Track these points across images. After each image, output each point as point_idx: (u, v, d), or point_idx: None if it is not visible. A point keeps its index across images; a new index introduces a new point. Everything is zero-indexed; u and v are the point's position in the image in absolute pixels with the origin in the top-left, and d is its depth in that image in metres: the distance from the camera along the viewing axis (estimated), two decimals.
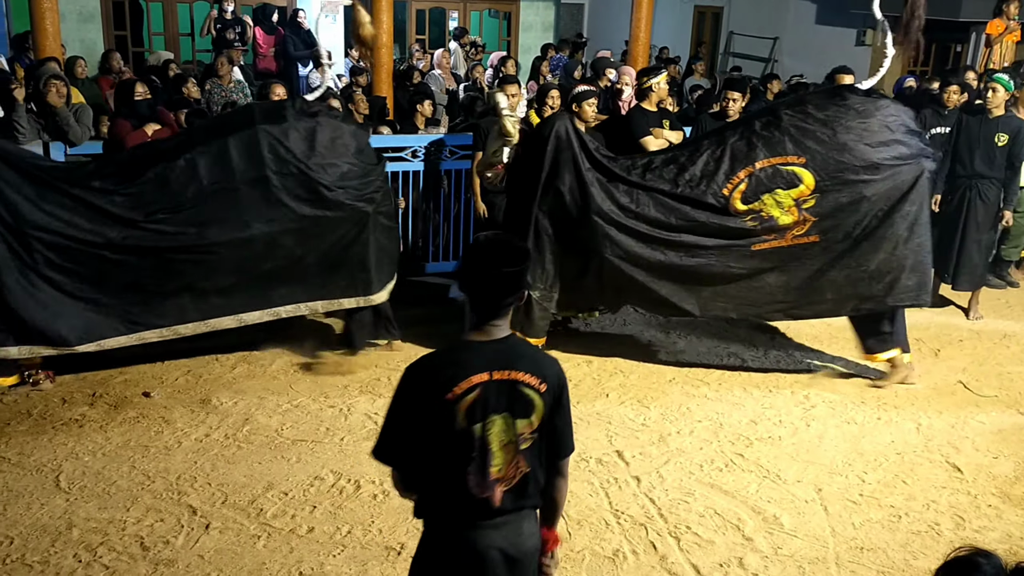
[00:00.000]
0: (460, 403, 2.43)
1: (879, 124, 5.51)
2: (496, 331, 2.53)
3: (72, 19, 12.74)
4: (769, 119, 5.61)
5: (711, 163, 5.54)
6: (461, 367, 2.47)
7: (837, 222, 5.52)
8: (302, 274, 5.64)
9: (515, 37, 16.96)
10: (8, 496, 4.40)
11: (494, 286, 2.48)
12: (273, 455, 4.86)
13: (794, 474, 4.86)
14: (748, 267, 5.61)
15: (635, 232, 5.54)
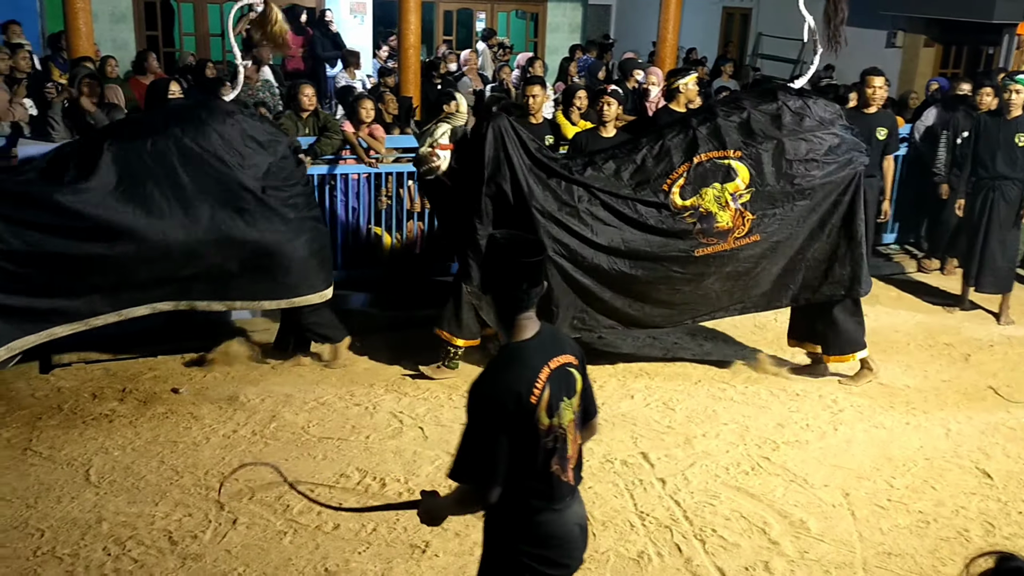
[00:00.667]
0: (540, 403, 2.51)
1: (812, 120, 5.61)
2: (532, 324, 2.58)
3: (104, 19, 12.91)
4: (705, 115, 5.71)
5: (650, 160, 5.56)
6: (531, 369, 2.52)
7: (775, 218, 5.57)
8: (223, 280, 5.43)
9: (542, 38, 16.97)
10: (39, 489, 4.47)
11: (519, 278, 2.52)
12: (300, 452, 4.90)
13: (821, 478, 4.82)
14: (691, 272, 5.60)
15: (577, 233, 5.46)
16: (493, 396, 2.50)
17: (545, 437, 2.54)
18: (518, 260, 2.53)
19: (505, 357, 2.58)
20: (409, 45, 8.49)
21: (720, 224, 5.51)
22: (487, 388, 2.52)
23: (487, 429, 2.50)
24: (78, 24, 7.37)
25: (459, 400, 5.57)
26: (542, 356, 2.56)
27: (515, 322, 2.56)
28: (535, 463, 2.55)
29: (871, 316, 7.30)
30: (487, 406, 2.50)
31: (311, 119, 6.83)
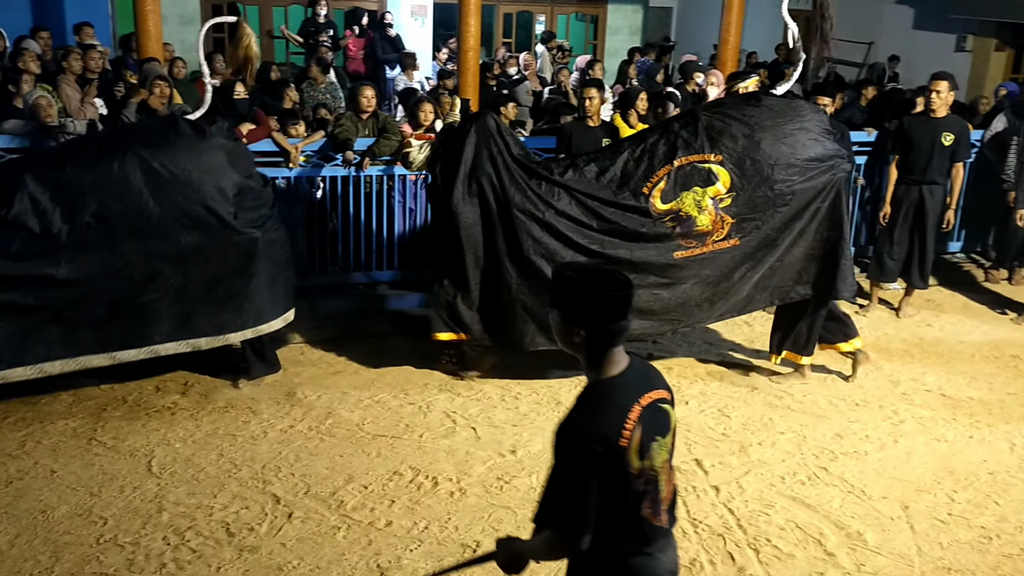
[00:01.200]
0: (631, 445, 2.35)
1: (795, 125, 5.53)
2: (622, 358, 2.44)
3: (173, 21, 13.22)
4: (687, 119, 5.63)
5: (631, 163, 5.49)
6: (620, 409, 2.37)
7: (754, 222, 5.50)
8: (184, 307, 5.17)
9: (601, 41, 16.94)
10: (103, 479, 4.60)
11: (612, 314, 2.38)
12: (354, 449, 4.96)
13: (880, 490, 4.73)
14: (670, 276, 5.52)
15: (557, 232, 5.39)
16: (581, 439, 2.33)
17: (636, 480, 2.37)
18: (610, 295, 2.38)
19: (593, 396, 2.41)
20: (468, 48, 8.53)
21: (699, 227, 5.45)
22: (574, 430, 2.36)
23: (576, 473, 2.34)
24: (148, 26, 7.55)
25: (511, 402, 5.59)
26: (633, 393, 2.39)
27: (608, 356, 2.40)
28: (625, 507, 2.39)
29: (935, 326, 7.15)
30: (574, 449, 2.34)
31: (371, 120, 6.91)
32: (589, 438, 2.32)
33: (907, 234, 7.16)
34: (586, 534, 2.36)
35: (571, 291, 2.39)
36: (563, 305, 2.41)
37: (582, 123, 6.76)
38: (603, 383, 2.41)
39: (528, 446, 5.04)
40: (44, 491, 4.46)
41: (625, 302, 2.40)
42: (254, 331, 5.41)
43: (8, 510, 4.29)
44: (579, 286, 2.38)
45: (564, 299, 2.40)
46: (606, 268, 2.54)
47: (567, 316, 2.40)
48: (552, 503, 2.40)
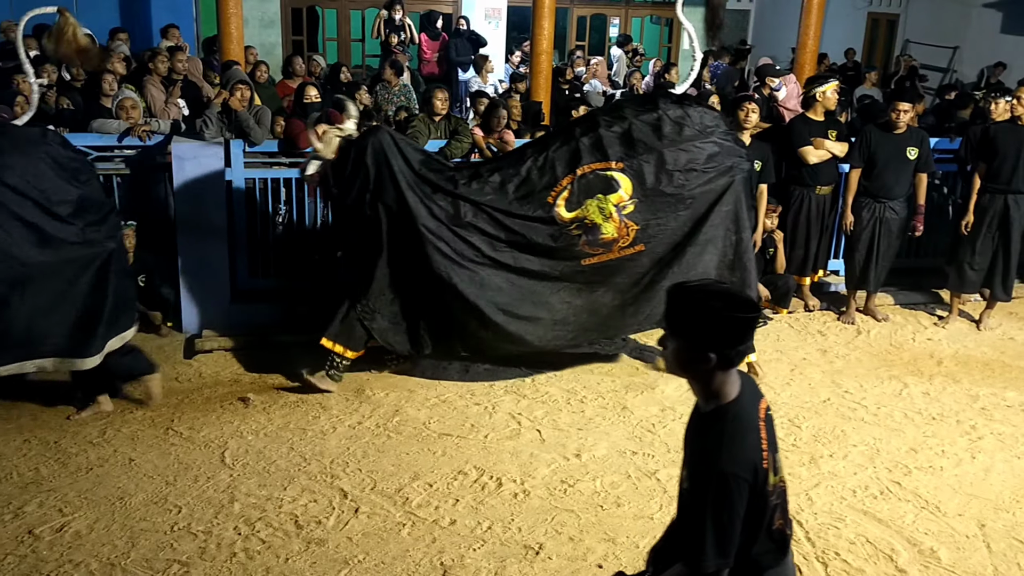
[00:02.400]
0: (770, 465, 2.34)
1: (693, 128, 5.46)
2: (737, 376, 2.38)
3: (255, 24, 13.56)
4: (588, 125, 5.54)
5: (535, 172, 5.42)
6: (756, 431, 2.34)
7: (659, 228, 5.49)
8: (24, 329, 4.72)
9: (676, 43, 16.78)
10: (178, 468, 4.74)
11: (739, 336, 2.31)
12: (420, 447, 5.02)
13: (955, 507, 4.59)
14: (580, 283, 5.48)
15: (464, 246, 5.34)
16: (735, 471, 2.27)
17: (772, 496, 2.36)
18: (742, 317, 2.30)
19: (729, 423, 2.34)
20: (541, 50, 8.54)
21: (605, 235, 5.42)
22: (724, 463, 2.28)
23: (726, 505, 2.27)
24: (230, 29, 7.76)
25: (577, 405, 5.58)
26: (755, 411, 2.37)
27: (726, 380, 2.34)
28: (763, 525, 2.37)
29: (1017, 339, 6.90)
30: (729, 485, 2.27)
31: (443, 122, 6.98)
32: (738, 469, 2.27)
33: (990, 244, 6.95)
34: (729, 564, 2.31)
35: (702, 316, 2.28)
36: (691, 331, 2.30)
37: None
38: (730, 408, 2.35)
39: (593, 450, 5.03)
40: (122, 478, 4.62)
41: (754, 323, 2.34)
42: (100, 353, 4.93)
43: (88, 496, 4.45)
44: (711, 311, 2.27)
45: (692, 325, 2.30)
46: (727, 287, 2.45)
47: (695, 342, 2.29)
48: (710, 543, 2.29)
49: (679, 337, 2.33)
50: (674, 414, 5.50)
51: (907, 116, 6.80)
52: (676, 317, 2.34)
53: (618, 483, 4.71)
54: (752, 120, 6.36)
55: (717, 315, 2.27)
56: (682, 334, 2.32)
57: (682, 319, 2.32)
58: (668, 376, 6.01)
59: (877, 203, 6.95)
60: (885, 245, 7.00)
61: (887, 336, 6.91)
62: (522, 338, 5.52)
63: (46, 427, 5.11)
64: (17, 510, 4.31)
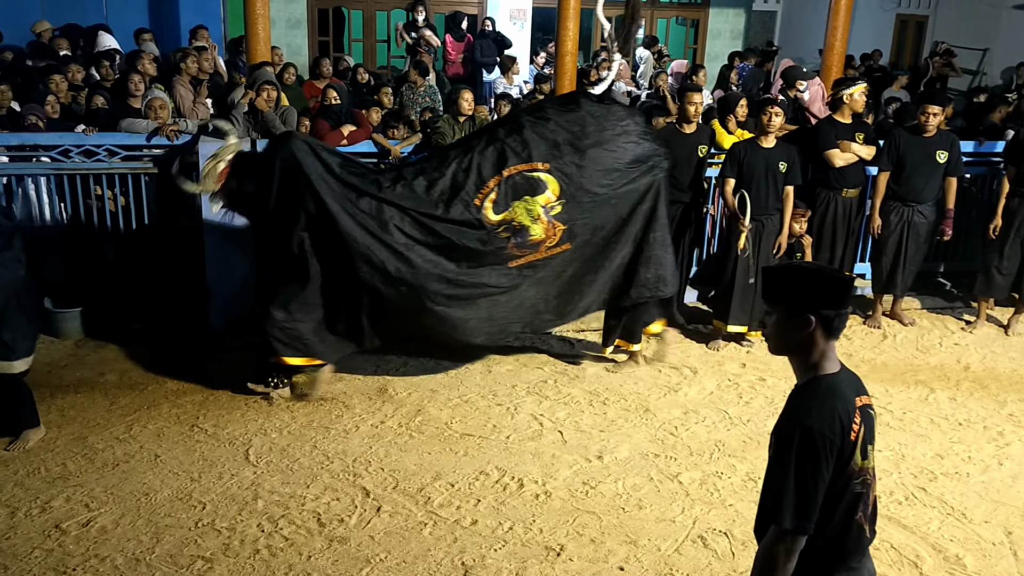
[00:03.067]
0: (858, 441, 2.36)
1: (615, 129, 5.46)
2: (836, 356, 2.46)
3: (281, 25, 13.66)
4: (512, 126, 5.49)
5: (460, 174, 5.34)
6: (848, 402, 2.37)
7: (585, 227, 5.49)
8: None
9: (702, 45, 16.71)
10: (203, 465, 4.78)
11: (837, 299, 2.40)
12: (442, 447, 5.03)
13: (981, 514, 4.53)
14: (507, 284, 5.45)
15: (391, 254, 5.21)
16: (820, 428, 2.30)
17: (856, 480, 2.37)
18: (837, 276, 2.42)
19: (819, 389, 2.38)
20: (566, 51, 8.51)
21: (533, 236, 5.40)
22: (812, 420, 2.31)
23: (808, 464, 2.30)
24: (257, 29, 7.78)
25: (599, 407, 5.57)
26: (852, 391, 2.41)
27: (826, 352, 2.40)
28: (840, 509, 2.38)
29: None
30: (807, 440, 2.29)
31: (467, 123, 6.99)
32: (826, 427, 2.30)
33: (1019, 248, 6.86)
34: (808, 531, 2.33)
35: (798, 280, 2.40)
36: (789, 296, 2.40)
37: (677, 129, 6.69)
38: (825, 378, 2.40)
39: (615, 452, 5.02)
40: (148, 474, 4.67)
41: (849, 286, 2.43)
42: None
43: (114, 491, 4.51)
44: (806, 273, 2.41)
45: (790, 290, 2.41)
46: (820, 265, 2.55)
47: (795, 307, 2.39)
48: (778, 500, 2.33)
49: (778, 304, 2.42)
50: (697, 417, 5.48)
51: (936, 119, 6.73)
52: (774, 287, 2.45)
53: (640, 485, 4.70)
54: (776, 123, 6.31)
55: (813, 275, 2.40)
56: (782, 300, 2.42)
57: (780, 286, 2.43)
58: (691, 379, 6.01)
59: (906, 207, 6.89)
60: (913, 249, 6.94)
61: (913, 341, 6.85)
62: (455, 339, 5.55)
63: (73, 423, 5.17)
64: (44, 505, 4.37)
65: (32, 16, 10.58)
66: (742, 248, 6.37)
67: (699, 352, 6.51)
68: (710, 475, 4.82)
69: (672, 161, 6.57)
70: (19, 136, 6.45)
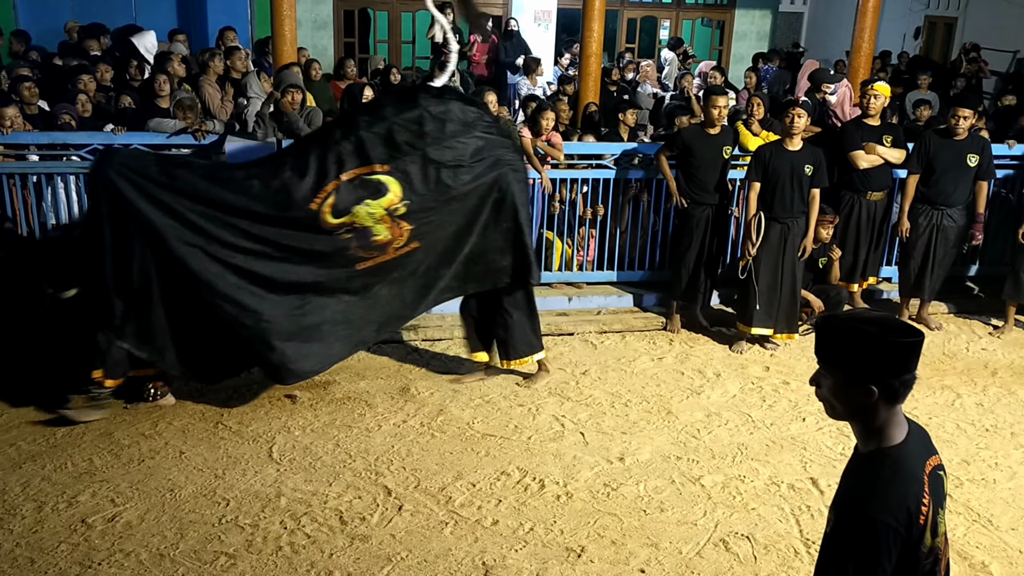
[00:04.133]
0: (927, 522, 2.09)
1: (456, 124, 5.25)
2: (903, 420, 2.17)
3: (307, 26, 13.75)
4: (348, 128, 5.25)
5: (295, 178, 5.07)
6: (917, 482, 2.10)
7: (433, 225, 5.27)
8: None
9: (727, 46, 16.64)
10: (227, 462, 4.82)
11: (905, 364, 2.10)
12: (464, 447, 5.04)
13: (1008, 521, 4.48)
14: (357, 286, 5.23)
15: (230, 265, 4.97)
16: (884, 519, 2.03)
17: (925, 560, 2.11)
18: (906, 341, 2.08)
19: (887, 468, 2.10)
20: (591, 53, 8.52)
21: (378, 238, 5.15)
22: (875, 507, 2.05)
23: (869, 556, 2.03)
24: (284, 31, 7.85)
25: (621, 409, 5.56)
26: (921, 462, 2.14)
27: (890, 419, 2.12)
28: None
29: None
30: (869, 529, 2.04)
31: None
32: (890, 517, 2.04)
33: None
34: None
35: (858, 345, 2.08)
36: (847, 363, 2.10)
37: (702, 130, 6.67)
38: (892, 452, 2.12)
39: (636, 454, 5.01)
40: (173, 471, 4.71)
41: (916, 348, 2.11)
42: None
43: (139, 487, 4.55)
44: (867, 338, 2.07)
45: (848, 355, 2.09)
46: (880, 314, 2.23)
47: (854, 374, 2.09)
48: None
49: (835, 369, 2.12)
50: (719, 420, 5.45)
51: (967, 123, 6.66)
52: (830, 348, 2.13)
53: (662, 488, 4.68)
54: (799, 125, 6.26)
55: (875, 340, 2.07)
56: (838, 365, 2.12)
57: (837, 350, 2.11)
58: (714, 382, 5.98)
59: (935, 210, 6.83)
60: (941, 253, 6.87)
61: (940, 345, 6.78)
62: (309, 355, 5.18)
63: (100, 418, 5.22)
64: (71, 499, 4.42)
65: (62, 17, 10.72)
66: (742, 268, 6.44)
67: (722, 355, 6.48)
68: (732, 478, 4.80)
69: (696, 162, 6.61)
70: (49, 135, 6.53)
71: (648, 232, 7.38)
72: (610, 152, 7.25)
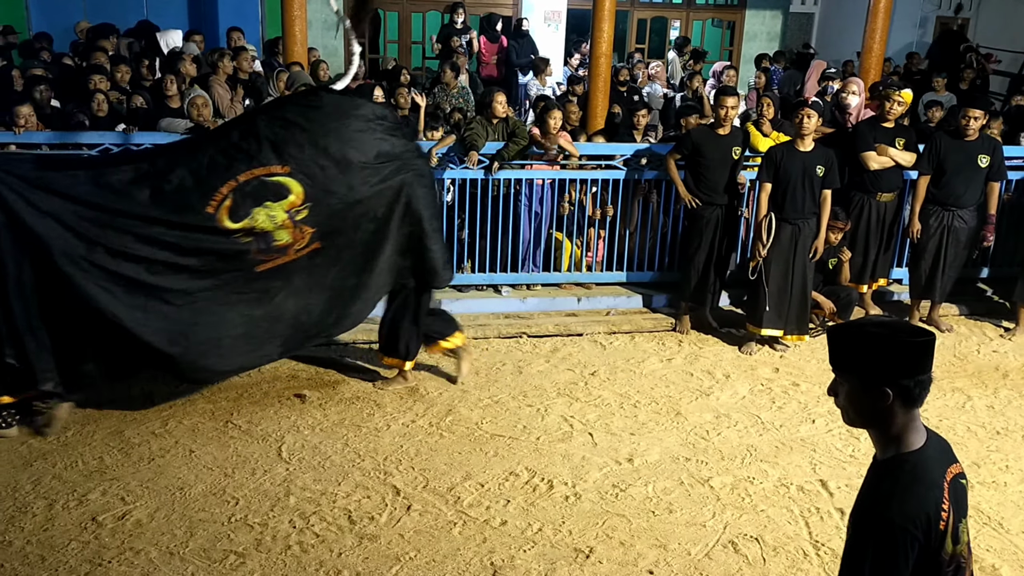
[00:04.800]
0: (947, 528, 2.08)
1: (359, 125, 5.10)
2: (922, 426, 2.17)
3: (318, 27, 13.75)
4: (246, 128, 5.05)
5: (188, 180, 4.85)
6: (936, 488, 2.09)
7: (337, 229, 5.11)
8: None
9: (738, 47, 16.60)
10: (236, 461, 4.83)
11: (918, 364, 2.12)
12: (472, 447, 5.04)
13: (1019, 524, 4.46)
14: (256, 290, 5.01)
15: (118, 274, 4.73)
16: (903, 523, 2.03)
17: (946, 568, 2.10)
18: (917, 341, 2.09)
19: (905, 473, 2.10)
20: (601, 53, 8.51)
21: (279, 241, 4.97)
22: (893, 512, 2.04)
23: (887, 563, 2.03)
24: (294, 31, 7.88)
25: (630, 410, 5.55)
26: (941, 469, 2.14)
27: (907, 424, 2.13)
28: None
29: None
30: (887, 535, 2.03)
31: (500, 125, 7.01)
32: (908, 522, 2.03)
33: None
34: None
35: (869, 347, 2.09)
36: (860, 367, 2.11)
37: (711, 131, 6.65)
38: (910, 458, 2.12)
39: (645, 455, 5.00)
40: (182, 469, 4.73)
41: (929, 349, 2.12)
42: None
43: (149, 485, 4.57)
44: (878, 340, 2.09)
45: (861, 359, 2.10)
46: (892, 318, 2.23)
47: (868, 379, 2.10)
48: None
49: (850, 375, 2.13)
50: (729, 421, 5.44)
51: (977, 123, 6.64)
52: (843, 355, 2.15)
53: (670, 489, 4.68)
54: (808, 125, 6.24)
55: (885, 342, 2.09)
56: (852, 371, 2.13)
57: (849, 355, 2.13)
58: (723, 383, 5.97)
59: (945, 211, 6.80)
60: (952, 255, 6.85)
61: (951, 347, 6.75)
62: (206, 368, 5.07)
63: (110, 417, 5.25)
64: (81, 497, 4.44)
65: (74, 17, 10.76)
66: (752, 269, 6.41)
67: (732, 356, 6.47)
68: (741, 480, 4.79)
69: (706, 163, 6.59)
70: (60, 135, 6.56)
71: (658, 233, 7.37)
72: (620, 153, 7.24)
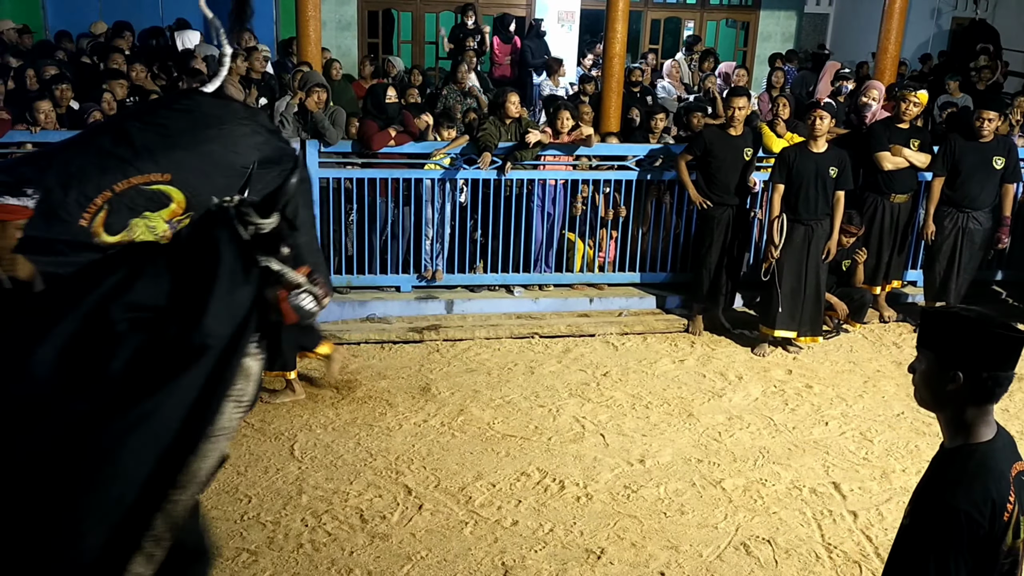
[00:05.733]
0: (1011, 520, 2.06)
1: (237, 128, 4.87)
2: (993, 420, 2.16)
3: (332, 27, 13.80)
4: (119, 133, 4.74)
5: (58, 190, 4.46)
6: (1004, 480, 2.08)
7: None
8: None
9: (752, 47, 16.56)
10: (249, 459, 4.85)
11: (998, 358, 2.09)
12: (484, 447, 5.05)
13: None
14: None
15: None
16: (968, 511, 2.01)
17: (1004, 560, 2.08)
18: (1003, 334, 2.06)
19: (973, 463, 2.08)
20: (614, 54, 8.49)
21: None
22: (960, 499, 2.02)
23: (948, 548, 2.01)
24: (308, 31, 7.89)
25: (642, 411, 5.54)
26: (1008, 462, 2.12)
27: (979, 416, 2.12)
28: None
29: None
30: (952, 521, 2.01)
31: (513, 125, 7.01)
32: (973, 507, 2.02)
33: None
34: None
35: (955, 327, 2.09)
36: (940, 345, 2.10)
37: (723, 131, 6.64)
38: (979, 449, 2.11)
39: (657, 456, 5.00)
40: None
41: (1016, 346, 2.08)
42: None
43: None
44: (966, 322, 2.09)
45: (943, 338, 2.10)
46: (991, 312, 2.22)
47: (944, 359, 2.09)
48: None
49: (929, 352, 2.13)
50: (741, 423, 5.42)
51: (992, 125, 6.59)
52: (929, 331, 2.15)
53: (682, 490, 4.67)
54: (821, 126, 6.21)
55: (971, 326, 2.08)
56: (933, 348, 2.12)
57: (934, 332, 2.13)
58: (736, 384, 5.95)
59: (960, 213, 6.76)
60: (967, 257, 6.80)
61: None
62: None
63: None
64: None
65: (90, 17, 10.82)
66: (765, 270, 6.39)
67: (745, 357, 6.45)
68: (754, 482, 4.77)
69: (717, 163, 6.57)
70: (75, 134, 6.59)
71: (671, 233, 7.35)
72: (632, 153, 7.23)
